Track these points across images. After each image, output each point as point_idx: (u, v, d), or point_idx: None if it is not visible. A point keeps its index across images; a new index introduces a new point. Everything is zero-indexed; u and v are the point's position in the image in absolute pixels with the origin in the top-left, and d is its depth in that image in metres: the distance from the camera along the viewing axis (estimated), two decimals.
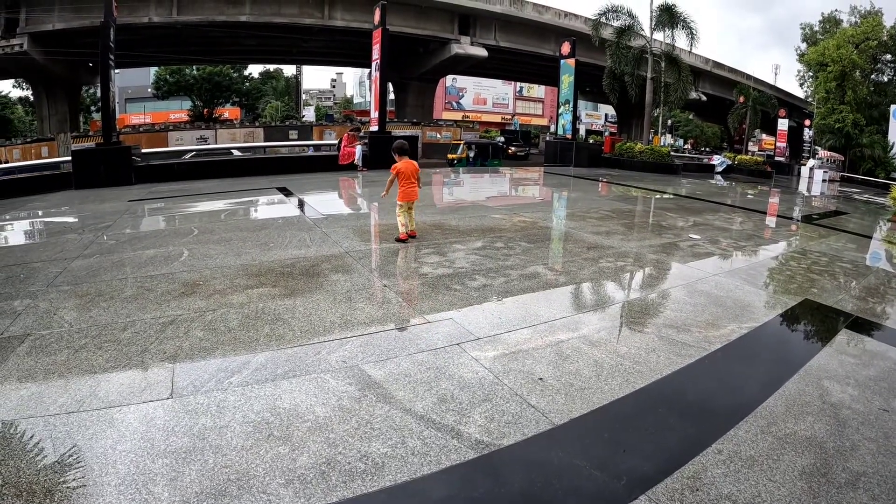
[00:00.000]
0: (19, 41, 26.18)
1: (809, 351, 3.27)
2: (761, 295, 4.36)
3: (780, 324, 3.73)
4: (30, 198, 11.45)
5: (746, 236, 7.49)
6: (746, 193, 15.28)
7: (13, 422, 2.41)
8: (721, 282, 4.60)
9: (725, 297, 4.12)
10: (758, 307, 4.00)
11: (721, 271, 5.03)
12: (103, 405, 2.53)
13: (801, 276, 5.34)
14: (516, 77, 62.14)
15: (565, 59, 19.95)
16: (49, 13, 26.39)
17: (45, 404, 2.56)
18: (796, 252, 6.79)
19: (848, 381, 2.85)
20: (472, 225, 6.72)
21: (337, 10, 31.62)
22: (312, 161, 16.77)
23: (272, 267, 4.71)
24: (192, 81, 53.96)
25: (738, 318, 3.64)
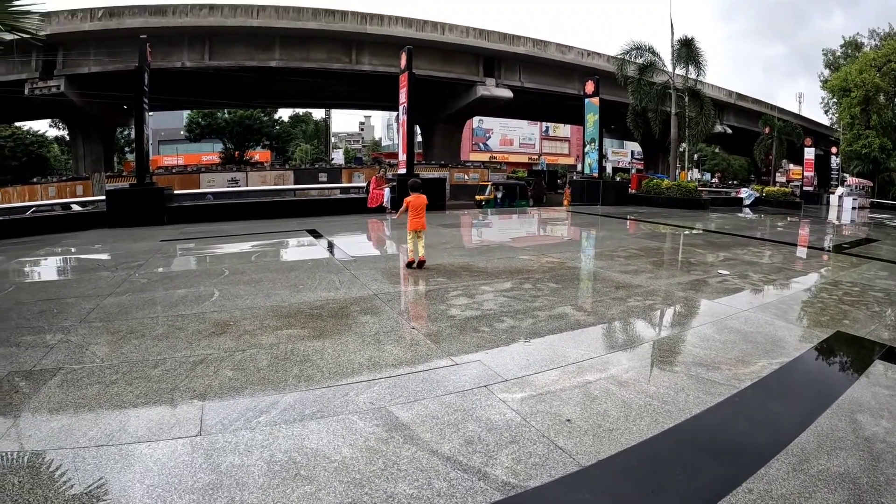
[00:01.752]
0: (56, 83, 28.30)
1: (842, 384, 3.28)
2: (792, 329, 4.36)
3: (811, 358, 3.74)
4: (65, 235, 12.08)
5: (776, 269, 7.43)
6: (775, 225, 15.11)
7: (43, 452, 2.56)
8: (751, 317, 4.61)
9: (755, 333, 4.13)
10: (789, 342, 4.00)
11: (751, 306, 5.03)
12: (132, 440, 2.66)
13: (833, 307, 5.29)
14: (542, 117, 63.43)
15: (589, 97, 20.44)
16: (85, 56, 28.50)
17: (75, 436, 2.71)
18: (827, 283, 6.74)
19: (882, 414, 2.84)
20: (500, 266, 6.83)
21: (364, 54, 33.22)
22: (342, 204, 17.26)
23: (301, 308, 4.88)
24: (224, 124, 56.51)
25: (768, 354, 3.65)
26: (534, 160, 70.57)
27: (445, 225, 12.10)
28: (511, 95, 37.75)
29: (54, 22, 27.20)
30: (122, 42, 26.70)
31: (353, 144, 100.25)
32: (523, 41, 37.04)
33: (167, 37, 28.99)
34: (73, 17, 27.52)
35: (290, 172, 42.60)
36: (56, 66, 28.58)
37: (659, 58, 22.67)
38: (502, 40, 36.20)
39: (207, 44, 30.38)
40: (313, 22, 30.71)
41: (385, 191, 16.11)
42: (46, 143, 53.97)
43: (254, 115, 57.39)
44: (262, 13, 29.79)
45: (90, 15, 27.63)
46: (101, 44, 27.99)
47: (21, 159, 46.14)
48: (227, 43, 30.61)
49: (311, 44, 32.14)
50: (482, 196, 25.22)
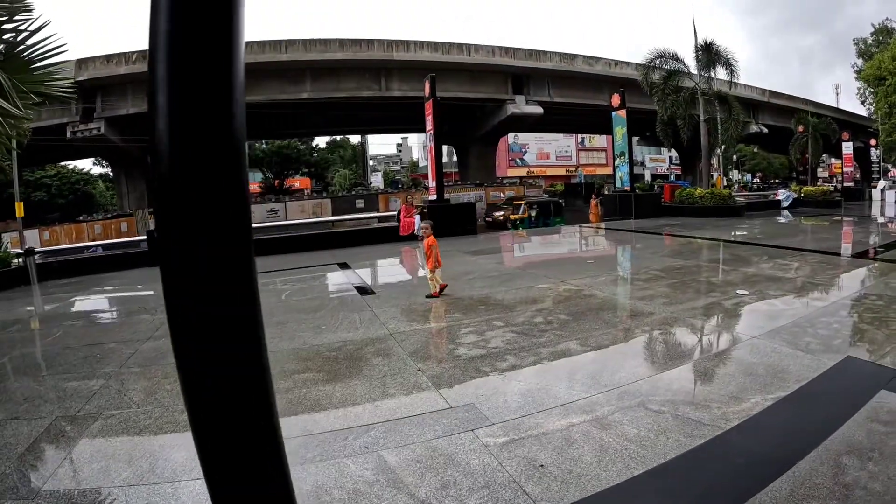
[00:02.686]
0: (96, 125, 30.50)
1: (834, 421, 3.25)
2: (798, 357, 4.34)
3: (809, 391, 3.71)
4: (109, 274, 13.03)
5: (798, 285, 7.38)
6: (809, 230, 14.76)
7: (84, 491, 3.04)
8: (758, 345, 4.67)
9: (758, 364, 4.20)
10: (791, 372, 4.02)
11: (761, 332, 5.05)
12: (159, 480, 3.11)
13: (850, 327, 5.27)
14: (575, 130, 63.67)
15: (616, 111, 20.63)
16: (123, 99, 30.59)
17: (111, 476, 3.19)
18: (849, 297, 6.65)
19: (871, 455, 2.84)
20: (517, 297, 7.11)
21: (393, 81, 34.24)
22: (375, 233, 17.86)
23: (320, 351, 5.29)
24: (262, 155, 58.74)
25: (765, 388, 3.72)
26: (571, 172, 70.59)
27: (473, 252, 12.44)
28: (541, 111, 38.18)
29: (91, 67, 29.45)
30: None
31: (392, 166, 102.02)
32: (550, 56, 37.55)
33: None
34: (108, 62, 29.69)
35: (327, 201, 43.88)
36: (96, 109, 30.79)
37: (683, 64, 22.76)
38: (529, 57, 36.78)
39: None
40: (341, 52, 32.00)
41: (416, 218, 16.60)
42: (91, 180, 57.25)
43: (291, 144, 59.48)
44: (290, 47, 31.28)
45: (125, 59, 29.73)
46: (138, 86, 29.96)
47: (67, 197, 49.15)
48: (259, 78, 32.14)
49: (341, 73, 33.44)
50: (516, 215, 25.41)
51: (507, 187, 41.07)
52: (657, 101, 23.39)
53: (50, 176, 48.72)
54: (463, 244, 14.31)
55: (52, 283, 12.15)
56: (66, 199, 48.57)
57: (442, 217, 16.88)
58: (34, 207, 43.58)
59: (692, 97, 22.89)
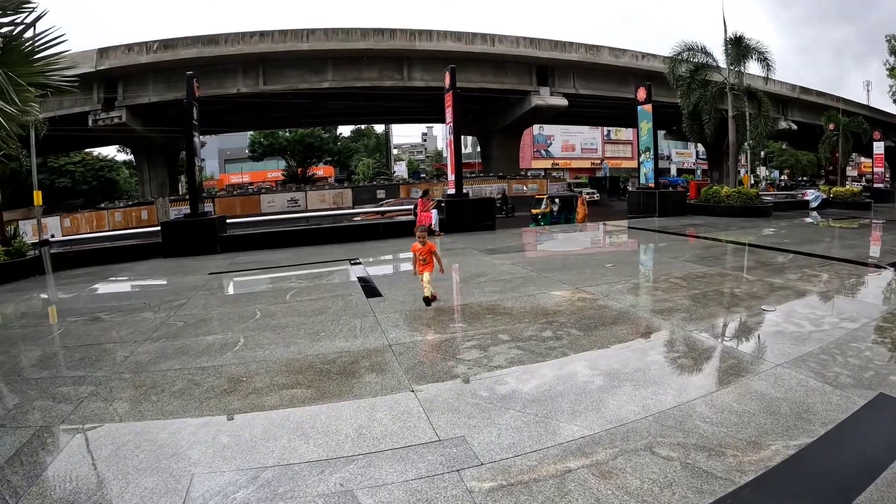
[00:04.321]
0: (118, 113, 31.16)
1: (865, 476, 2.91)
2: (826, 393, 3.96)
3: (837, 437, 3.35)
4: (121, 265, 13.10)
5: (828, 302, 6.91)
6: (840, 235, 14.05)
7: None
8: (782, 376, 4.29)
9: (781, 400, 3.83)
10: (818, 412, 3.65)
11: (786, 359, 4.65)
12: None
13: (884, 356, 4.83)
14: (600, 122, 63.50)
15: (642, 105, 20.16)
16: (144, 87, 31.14)
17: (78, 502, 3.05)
18: (884, 319, 6.14)
19: None
20: (527, 307, 6.83)
21: (416, 70, 34.17)
22: (391, 228, 17.72)
23: (313, 363, 5.12)
24: (285, 143, 59.19)
25: (788, 432, 3.37)
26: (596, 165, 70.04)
27: (489, 251, 12.16)
28: (566, 103, 37.88)
29: (112, 56, 30.00)
30: (178, 72, 28.93)
31: (416, 156, 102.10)
32: (575, 47, 37.20)
33: (221, 65, 31.12)
34: (129, 51, 30.18)
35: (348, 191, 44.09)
36: (117, 97, 31.34)
37: (712, 58, 22.22)
38: (554, 48, 36.41)
39: (261, 69, 32.34)
40: (362, 42, 31.98)
41: (433, 213, 16.38)
42: (115, 166, 58.24)
43: (314, 133, 59.80)
44: (311, 37, 31.31)
45: (146, 48, 30.20)
46: (159, 75, 30.43)
47: (91, 184, 50.08)
48: (280, 67, 32.36)
49: (363, 63, 33.51)
50: (538, 210, 25.20)
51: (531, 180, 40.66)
52: (681, 94, 22.92)
53: (74, 162, 49.68)
54: (480, 241, 14.04)
55: (65, 273, 12.27)
56: (89, 186, 49.53)
57: (460, 212, 16.67)
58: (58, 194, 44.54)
59: (720, 91, 22.30)
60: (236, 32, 31.04)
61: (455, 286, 8.88)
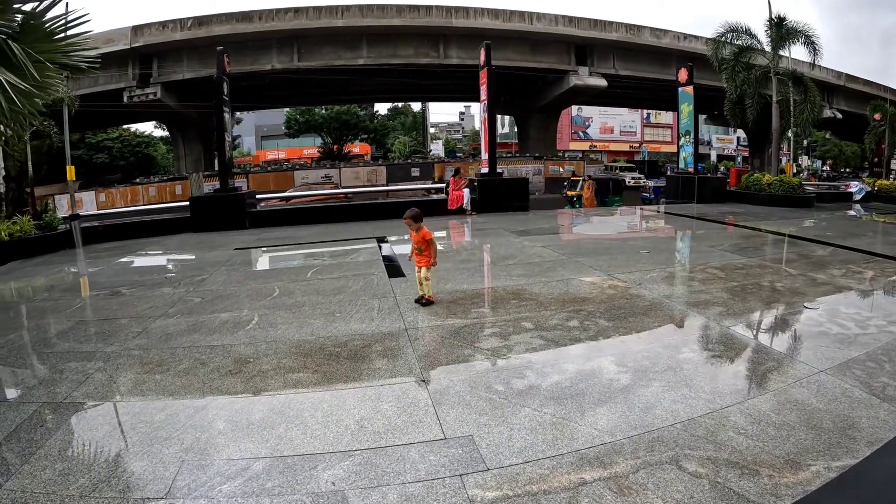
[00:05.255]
0: (153, 90, 31.74)
1: None
2: (873, 406, 3.50)
3: (886, 460, 2.92)
4: (150, 240, 13.24)
5: (875, 302, 6.32)
6: (884, 230, 13.00)
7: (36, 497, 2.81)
8: (825, 384, 3.82)
9: (823, 412, 3.39)
10: (863, 428, 3.21)
11: (830, 365, 4.17)
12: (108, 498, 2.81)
13: None
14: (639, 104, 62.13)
15: (683, 86, 19.37)
16: (178, 64, 31.55)
17: (66, 484, 2.94)
18: None
19: None
20: (554, 293, 6.47)
21: (452, 48, 33.73)
22: (423, 206, 17.39)
23: (325, 345, 4.92)
24: (321, 121, 59.42)
25: (830, 451, 2.95)
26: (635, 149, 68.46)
27: (520, 232, 11.78)
28: (605, 84, 37.01)
29: (146, 34, 30.47)
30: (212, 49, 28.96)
31: (454, 135, 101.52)
32: (615, 27, 36.21)
33: (256, 41, 31.22)
34: (163, 28, 30.54)
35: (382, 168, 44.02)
36: (152, 74, 31.87)
37: (756, 40, 21.02)
38: (593, 27, 35.47)
39: (295, 46, 32.32)
40: (398, 18, 31.60)
41: (465, 192, 16.04)
42: (153, 142, 59.41)
43: (350, 110, 59.81)
44: (346, 13, 31.06)
45: (180, 25, 30.52)
46: (193, 52, 30.72)
47: (128, 159, 51.26)
48: (315, 44, 32.26)
49: (398, 40, 33.20)
50: (573, 192, 24.68)
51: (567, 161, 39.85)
52: (726, 78, 21.92)
53: (112, 139, 50.89)
54: (512, 222, 13.66)
55: (94, 247, 12.47)
56: (127, 162, 50.74)
57: (493, 191, 16.31)
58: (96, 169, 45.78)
59: (764, 76, 21.20)
60: (270, 9, 30.99)
61: (481, 268, 8.58)
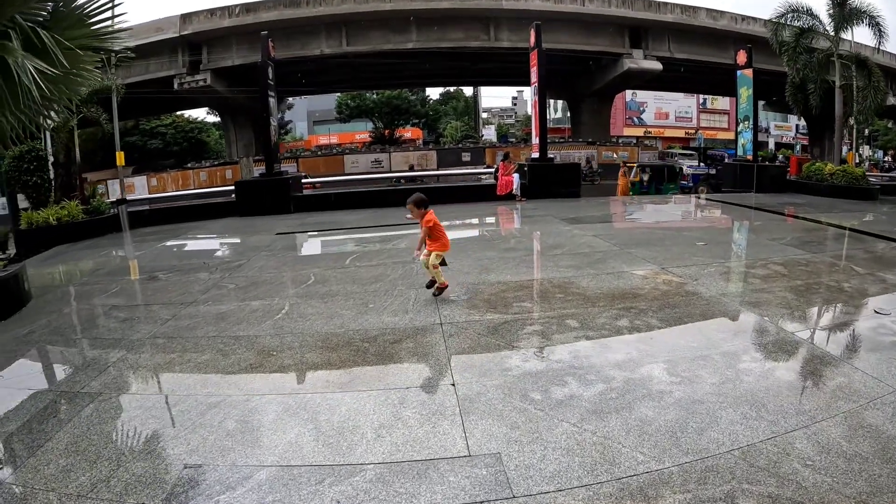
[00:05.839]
0: (202, 76, 32.57)
1: None
2: None
3: None
4: (195, 224, 13.38)
5: None
6: None
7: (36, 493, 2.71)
8: None
9: None
10: None
11: None
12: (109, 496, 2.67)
13: None
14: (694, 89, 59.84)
15: (742, 69, 18.27)
16: (227, 50, 32.18)
17: (68, 480, 2.82)
18: None
19: None
20: (603, 287, 5.97)
21: (502, 31, 33.26)
22: (472, 191, 17.19)
23: (353, 339, 4.64)
24: (372, 105, 59.70)
25: None
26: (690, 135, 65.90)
27: (569, 220, 11.21)
28: (660, 68, 35.77)
29: (195, 21, 31.19)
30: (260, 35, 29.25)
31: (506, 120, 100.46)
32: (671, 8, 34.97)
33: (304, 27, 31.46)
34: (212, 15, 31.20)
35: (432, 153, 43.85)
36: (202, 61, 32.63)
37: (818, 20, 19.44)
38: (647, 8, 34.29)
39: (344, 30, 32.42)
40: (446, 1, 31.45)
41: (514, 177, 15.56)
42: (206, 128, 60.98)
43: (401, 94, 59.84)
44: None
45: (228, 12, 31.15)
46: (242, 38, 31.22)
47: (182, 144, 52.85)
48: (363, 28, 32.28)
49: (447, 23, 32.87)
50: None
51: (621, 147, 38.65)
52: (787, 61, 20.44)
53: (165, 125, 52.52)
54: (562, 209, 13.08)
55: (140, 231, 12.71)
56: (180, 147, 52.32)
57: (544, 177, 15.77)
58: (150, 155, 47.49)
59: (826, 59, 19.65)
60: None
61: (526, 258, 8.13)
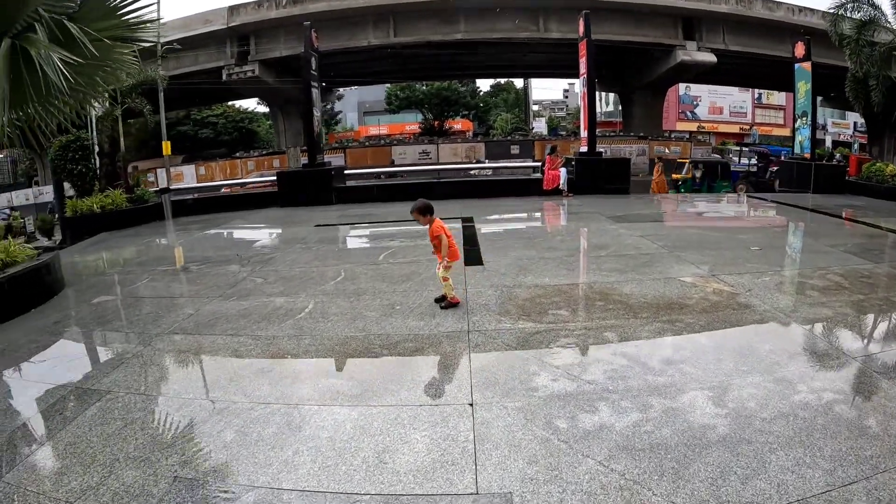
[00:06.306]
0: (250, 67, 33.27)
1: None
2: None
3: None
4: (237, 213, 13.49)
5: None
6: None
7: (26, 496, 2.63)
8: None
9: None
10: None
11: None
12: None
13: None
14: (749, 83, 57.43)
15: (800, 62, 17.00)
16: (275, 42, 32.64)
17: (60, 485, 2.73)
18: None
19: None
20: (648, 295, 5.47)
21: (552, 21, 32.75)
22: (517, 185, 16.79)
23: (372, 345, 4.39)
24: (422, 96, 59.73)
25: None
26: (745, 131, 63.10)
27: (616, 218, 10.61)
28: (715, 60, 34.53)
29: (242, 13, 31.78)
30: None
31: (557, 112, 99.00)
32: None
33: (351, 18, 31.55)
34: (259, 7, 31.76)
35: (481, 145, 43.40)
36: (249, 52, 33.24)
37: (880, 11, 17.93)
38: None
39: (391, 21, 32.50)
40: None
41: (561, 171, 15.02)
42: (256, 118, 62.25)
43: (451, 86, 59.57)
44: None
45: (275, 4, 31.65)
46: (290, 29, 31.57)
47: (232, 134, 54.14)
48: (411, 19, 32.19)
49: (496, 14, 32.49)
50: (678, 175, 23.44)
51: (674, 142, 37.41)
52: (849, 54, 18.96)
53: (216, 115, 53.93)
54: (609, 206, 12.46)
55: (182, 219, 12.89)
56: (231, 137, 53.64)
57: (591, 172, 15.18)
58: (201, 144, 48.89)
59: (889, 53, 18.12)
60: None
61: (568, 259, 7.65)
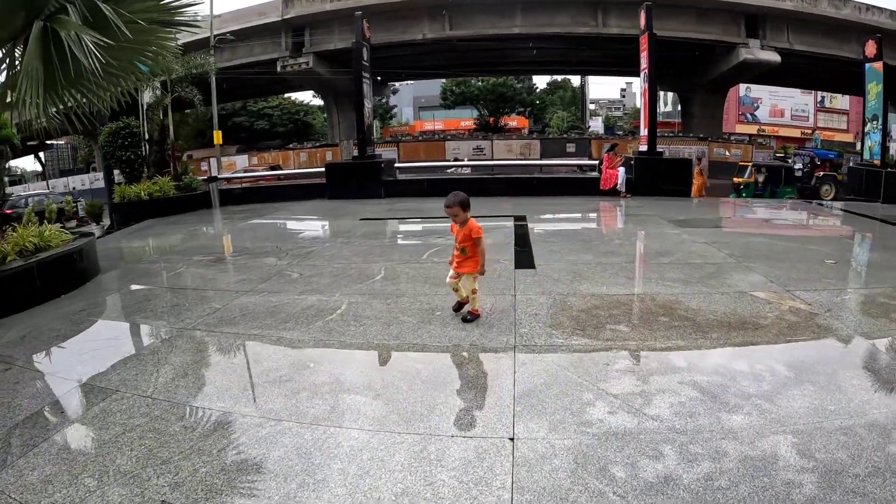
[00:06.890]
0: (305, 59, 33.57)
1: None
2: None
3: None
4: (283, 204, 13.38)
5: None
6: None
7: None
8: None
9: None
10: None
11: None
12: None
13: None
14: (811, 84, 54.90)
15: (871, 62, 15.55)
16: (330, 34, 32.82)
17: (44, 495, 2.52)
18: None
19: None
20: (717, 311, 4.73)
21: (611, 16, 32.16)
22: (573, 184, 16.16)
23: (405, 356, 3.95)
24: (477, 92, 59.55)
25: None
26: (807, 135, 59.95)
27: (679, 222, 9.78)
28: (779, 59, 33.08)
29: (297, 5, 32.09)
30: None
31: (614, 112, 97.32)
32: None
33: (405, 11, 31.49)
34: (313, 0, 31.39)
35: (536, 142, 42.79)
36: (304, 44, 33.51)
37: None
38: None
39: (447, 14, 32.37)
40: None
41: (620, 171, 14.27)
42: (311, 110, 63.29)
43: (507, 82, 59.07)
44: None
45: None
46: (344, 21, 31.88)
47: (287, 126, 55.17)
48: (467, 13, 31.95)
49: (554, 8, 32.02)
50: (740, 179, 22.66)
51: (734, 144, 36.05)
52: None
53: (272, 106, 55.18)
54: (669, 209, 11.60)
55: (229, 208, 12.89)
56: (286, 128, 54.72)
57: (651, 172, 14.39)
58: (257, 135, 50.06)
59: None
60: None
61: (627, 266, 6.94)
